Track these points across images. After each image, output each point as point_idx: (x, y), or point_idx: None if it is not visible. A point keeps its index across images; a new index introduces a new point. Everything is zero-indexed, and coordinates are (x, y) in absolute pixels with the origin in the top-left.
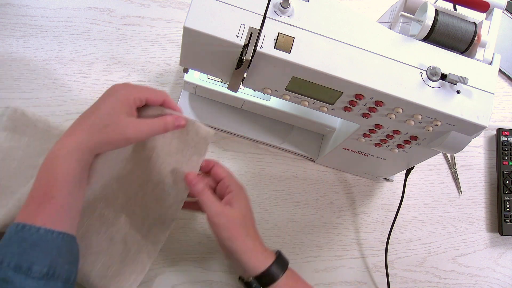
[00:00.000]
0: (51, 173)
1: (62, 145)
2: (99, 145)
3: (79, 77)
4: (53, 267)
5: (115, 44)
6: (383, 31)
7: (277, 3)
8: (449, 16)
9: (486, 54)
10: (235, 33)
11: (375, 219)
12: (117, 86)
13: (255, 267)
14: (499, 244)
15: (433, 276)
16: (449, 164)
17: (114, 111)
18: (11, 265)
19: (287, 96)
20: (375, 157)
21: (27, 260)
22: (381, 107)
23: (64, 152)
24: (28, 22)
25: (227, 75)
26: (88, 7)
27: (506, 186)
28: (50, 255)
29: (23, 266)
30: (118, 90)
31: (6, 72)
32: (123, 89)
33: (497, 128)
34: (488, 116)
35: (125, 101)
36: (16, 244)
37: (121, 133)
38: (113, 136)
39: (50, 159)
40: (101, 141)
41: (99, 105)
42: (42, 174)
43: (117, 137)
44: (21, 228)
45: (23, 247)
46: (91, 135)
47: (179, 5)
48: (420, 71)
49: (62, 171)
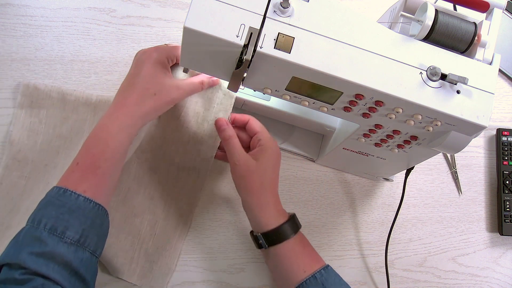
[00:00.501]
0: (101, 145)
1: (114, 118)
2: (149, 115)
3: (79, 77)
4: (85, 236)
5: (115, 44)
6: (383, 31)
7: (277, 3)
8: (449, 16)
9: (486, 54)
10: (235, 33)
11: (375, 219)
12: (148, 51)
13: (266, 224)
14: (499, 244)
15: (433, 276)
16: (449, 164)
17: (157, 77)
18: (47, 226)
19: (287, 96)
20: (375, 157)
21: (62, 225)
22: (381, 107)
23: (115, 126)
24: (28, 22)
25: (227, 75)
26: (88, 7)
27: (506, 186)
28: (85, 224)
29: (58, 229)
30: (151, 54)
31: (6, 72)
32: (154, 52)
33: (497, 128)
34: (488, 116)
35: (162, 63)
36: (55, 207)
37: (168, 97)
38: (161, 102)
39: (101, 130)
40: (151, 110)
41: (138, 73)
42: (92, 143)
43: (165, 102)
44: (63, 192)
45: (61, 211)
46: (141, 106)
47: (179, 5)
48: (420, 71)
49: (113, 145)
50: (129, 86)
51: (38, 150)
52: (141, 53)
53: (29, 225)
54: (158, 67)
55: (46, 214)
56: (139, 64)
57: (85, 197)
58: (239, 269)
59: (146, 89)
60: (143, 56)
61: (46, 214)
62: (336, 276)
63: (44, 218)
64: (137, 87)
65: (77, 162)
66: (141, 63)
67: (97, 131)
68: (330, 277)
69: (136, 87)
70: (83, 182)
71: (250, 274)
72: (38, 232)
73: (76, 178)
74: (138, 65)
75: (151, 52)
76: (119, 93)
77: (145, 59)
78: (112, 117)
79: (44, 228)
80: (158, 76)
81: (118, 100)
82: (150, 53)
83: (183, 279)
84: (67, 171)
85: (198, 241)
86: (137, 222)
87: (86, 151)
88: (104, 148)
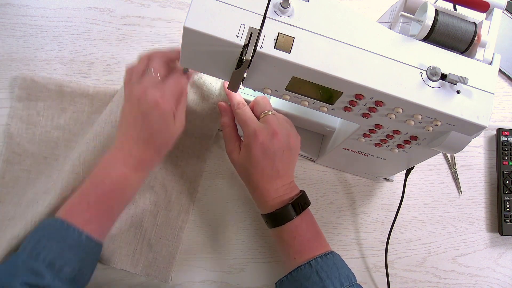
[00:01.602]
0: (119, 194)
1: (133, 170)
2: (161, 159)
3: (79, 77)
4: (80, 273)
5: (115, 44)
6: (383, 31)
7: (277, 3)
8: (449, 16)
9: (486, 54)
10: (235, 33)
11: (375, 219)
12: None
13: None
14: (499, 244)
15: (433, 276)
16: (449, 164)
17: (171, 132)
18: (46, 260)
19: (287, 96)
20: (375, 157)
21: (61, 261)
22: (381, 107)
23: (135, 179)
24: (28, 22)
25: (227, 75)
26: (88, 7)
27: (506, 186)
28: (82, 261)
29: (56, 264)
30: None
31: (6, 72)
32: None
33: (497, 128)
34: (488, 116)
35: (169, 113)
36: (55, 241)
37: (174, 138)
38: (170, 146)
39: (120, 181)
40: (163, 155)
41: (150, 124)
42: (108, 190)
43: (172, 144)
44: (66, 227)
45: (61, 247)
46: (159, 158)
47: (179, 5)
48: (420, 71)
49: (130, 194)
50: (146, 143)
51: (37, 142)
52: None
53: (27, 255)
54: (170, 118)
55: (47, 248)
56: (147, 118)
57: (87, 236)
58: (239, 269)
59: (163, 145)
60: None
61: (47, 248)
62: (334, 265)
63: (44, 251)
64: (155, 143)
65: (88, 203)
66: (150, 118)
67: (114, 177)
68: (325, 265)
69: (154, 143)
70: (92, 223)
71: (250, 274)
72: (36, 264)
73: (86, 218)
74: (147, 119)
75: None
76: (133, 143)
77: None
78: (131, 168)
79: (42, 261)
80: (171, 130)
81: (136, 154)
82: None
83: (183, 279)
84: (75, 206)
85: (198, 241)
86: (139, 213)
87: (102, 194)
88: (120, 196)
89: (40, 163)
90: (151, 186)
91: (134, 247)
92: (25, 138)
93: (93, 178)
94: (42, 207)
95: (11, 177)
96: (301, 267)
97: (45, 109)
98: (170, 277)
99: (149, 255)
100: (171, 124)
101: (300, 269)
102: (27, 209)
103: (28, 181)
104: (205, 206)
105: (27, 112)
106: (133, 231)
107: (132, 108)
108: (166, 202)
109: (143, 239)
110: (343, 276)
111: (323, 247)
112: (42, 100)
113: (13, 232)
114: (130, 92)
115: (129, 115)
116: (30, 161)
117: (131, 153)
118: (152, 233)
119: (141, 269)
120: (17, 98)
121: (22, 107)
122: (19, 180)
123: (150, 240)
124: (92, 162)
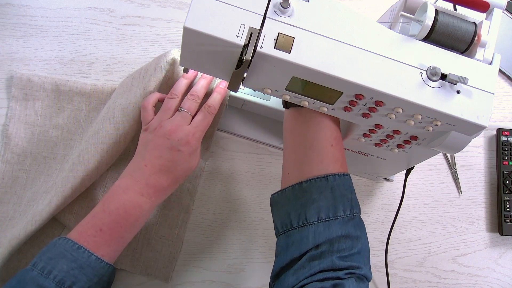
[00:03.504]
0: (132, 220)
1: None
2: (175, 188)
3: (79, 77)
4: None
5: (115, 44)
6: (383, 31)
7: (277, 3)
8: (449, 16)
9: (486, 54)
10: (235, 33)
11: (375, 219)
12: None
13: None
14: (499, 244)
15: (433, 276)
16: (449, 164)
17: (191, 167)
18: (56, 279)
19: (287, 96)
20: (375, 157)
21: (71, 280)
22: (381, 107)
23: (148, 206)
24: (28, 22)
25: (227, 75)
26: (88, 7)
27: (506, 186)
28: (91, 281)
29: (66, 283)
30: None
31: (6, 72)
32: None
33: (497, 128)
34: (488, 116)
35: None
36: (67, 261)
37: (192, 170)
38: (186, 177)
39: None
40: (178, 185)
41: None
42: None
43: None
44: (77, 248)
45: (72, 267)
46: (173, 188)
47: (179, 5)
48: (420, 71)
49: (142, 221)
50: (167, 173)
51: (36, 142)
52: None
53: (37, 272)
54: (196, 155)
55: (57, 267)
56: (175, 151)
57: (98, 257)
58: (239, 269)
59: (181, 177)
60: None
61: (57, 267)
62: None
63: (55, 270)
64: (175, 174)
65: (101, 228)
66: (178, 152)
67: (128, 206)
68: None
69: (174, 174)
70: (104, 248)
71: (250, 274)
72: (46, 282)
73: (98, 243)
74: (174, 152)
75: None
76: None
77: (183, 148)
78: (147, 197)
79: (53, 280)
80: (192, 165)
81: (153, 183)
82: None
83: (183, 279)
84: (87, 230)
85: (198, 241)
86: None
87: (114, 221)
88: (133, 223)
89: (39, 163)
90: None
91: (133, 247)
92: (24, 138)
93: (106, 204)
94: (42, 206)
95: (11, 177)
96: (316, 179)
97: (43, 109)
98: (170, 276)
99: (149, 255)
100: (195, 159)
101: (315, 181)
102: (27, 209)
103: (27, 181)
104: (205, 206)
105: (25, 112)
106: None
107: (158, 140)
108: (166, 201)
109: (143, 239)
110: (354, 202)
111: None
112: (39, 100)
113: (13, 232)
114: (158, 127)
115: (153, 146)
116: (29, 161)
117: (148, 182)
118: (152, 233)
119: (140, 269)
120: (14, 99)
121: (19, 107)
122: (18, 180)
123: (150, 239)
124: (91, 161)
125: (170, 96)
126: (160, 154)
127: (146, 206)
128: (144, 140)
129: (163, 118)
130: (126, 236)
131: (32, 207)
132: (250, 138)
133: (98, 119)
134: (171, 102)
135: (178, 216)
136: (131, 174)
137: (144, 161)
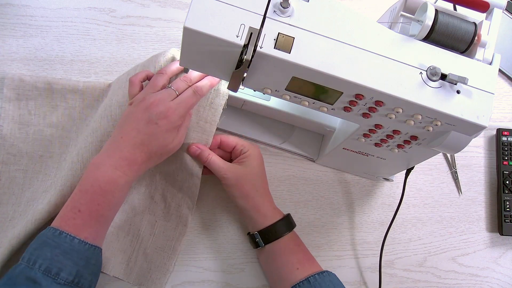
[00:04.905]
0: (108, 197)
1: (122, 172)
2: (149, 166)
3: (79, 77)
4: (79, 276)
5: (115, 44)
6: (383, 31)
7: (277, 3)
8: (449, 16)
9: (486, 54)
10: (235, 33)
11: (375, 219)
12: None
13: (262, 222)
14: (499, 244)
15: (433, 276)
16: (449, 164)
17: (167, 144)
18: (42, 267)
19: (287, 96)
20: (375, 157)
21: (57, 266)
22: (381, 107)
23: (123, 181)
24: (28, 22)
25: (227, 75)
26: (88, 7)
27: (506, 186)
28: (78, 264)
29: (52, 270)
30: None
31: (6, 72)
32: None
33: (497, 128)
34: (488, 116)
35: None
36: (50, 248)
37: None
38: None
39: (108, 182)
40: (153, 164)
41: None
42: (97, 193)
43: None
44: (58, 234)
45: (56, 253)
46: (148, 164)
47: (179, 5)
48: (420, 71)
49: (118, 196)
50: (141, 145)
51: (31, 141)
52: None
53: (24, 265)
54: (173, 131)
55: (42, 255)
56: (152, 124)
57: (80, 240)
58: (239, 269)
59: (156, 153)
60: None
61: (42, 255)
62: (330, 282)
63: (40, 259)
64: (149, 149)
65: (79, 209)
66: (155, 125)
67: (102, 181)
68: (324, 283)
69: (148, 148)
70: (86, 229)
71: (250, 274)
72: (33, 272)
73: (78, 225)
74: (151, 125)
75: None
76: (128, 144)
77: (160, 122)
78: (120, 170)
79: (39, 269)
80: (168, 142)
81: (127, 155)
82: (170, 114)
83: (183, 279)
84: (66, 214)
85: (198, 241)
86: (137, 221)
87: (91, 200)
88: (110, 199)
89: (36, 162)
90: (151, 196)
91: (129, 256)
92: (19, 139)
93: (82, 184)
94: (42, 205)
95: (8, 178)
96: (300, 284)
97: (37, 108)
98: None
99: (143, 265)
100: (172, 137)
101: (299, 286)
102: (27, 209)
103: (25, 181)
104: (205, 206)
105: (19, 112)
106: (130, 239)
107: (138, 112)
108: (164, 213)
109: (139, 248)
110: None
111: (316, 263)
112: (33, 99)
113: (13, 232)
114: (141, 100)
115: (132, 119)
116: (25, 160)
117: (121, 155)
118: (148, 243)
119: (134, 278)
120: (6, 99)
121: (12, 108)
122: (16, 180)
123: (146, 249)
124: (90, 159)
125: (159, 73)
126: (136, 127)
127: (121, 181)
128: (126, 113)
129: (148, 92)
130: (106, 214)
131: (32, 207)
132: (250, 138)
133: (95, 117)
134: (158, 78)
135: (175, 228)
136: (107, 149)
137: (120, 134)
